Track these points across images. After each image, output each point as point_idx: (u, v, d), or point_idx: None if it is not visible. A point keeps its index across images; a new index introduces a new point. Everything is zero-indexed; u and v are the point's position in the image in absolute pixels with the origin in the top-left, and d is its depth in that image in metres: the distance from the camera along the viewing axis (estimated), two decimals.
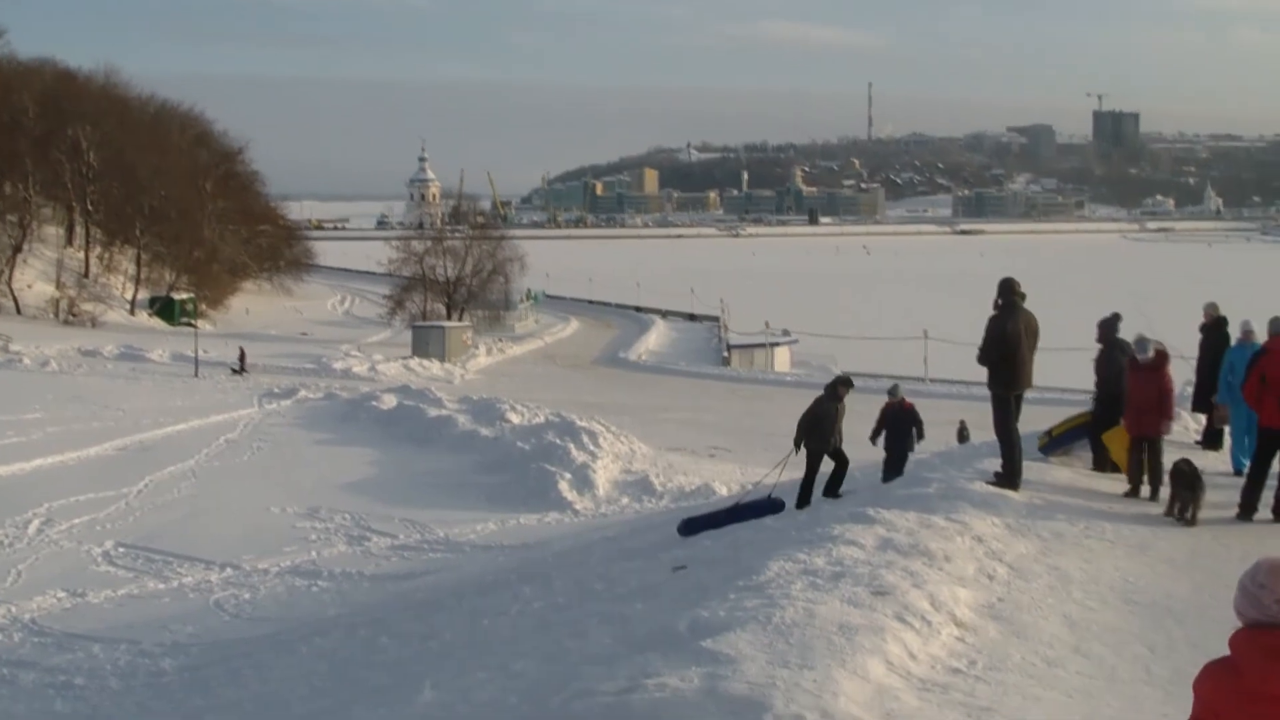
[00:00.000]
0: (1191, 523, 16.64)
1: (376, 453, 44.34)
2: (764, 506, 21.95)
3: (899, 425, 23.48)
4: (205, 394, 60.40)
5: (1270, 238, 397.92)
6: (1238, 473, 19.20)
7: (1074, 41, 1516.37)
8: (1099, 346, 21.10)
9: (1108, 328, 21.12)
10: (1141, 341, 19.01)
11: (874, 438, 23.54)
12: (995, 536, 14.97)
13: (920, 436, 23.72)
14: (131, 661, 21.38)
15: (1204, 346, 22.68)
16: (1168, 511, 17.11)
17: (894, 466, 22.67)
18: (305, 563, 29.65)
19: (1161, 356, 18.71)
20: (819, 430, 21.96)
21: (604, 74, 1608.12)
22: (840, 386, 22.40)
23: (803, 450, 22.31)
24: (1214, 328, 22.49)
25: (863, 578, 12.44)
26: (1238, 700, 6.07)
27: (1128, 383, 18.90)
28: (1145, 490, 18.14)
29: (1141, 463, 18.29)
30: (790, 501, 22.03)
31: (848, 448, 22.51)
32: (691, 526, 22.10)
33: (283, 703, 16.79)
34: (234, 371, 71.45)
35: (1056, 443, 20.91)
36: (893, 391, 24.52)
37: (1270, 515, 17.04)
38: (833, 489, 22.10)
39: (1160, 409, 18.51)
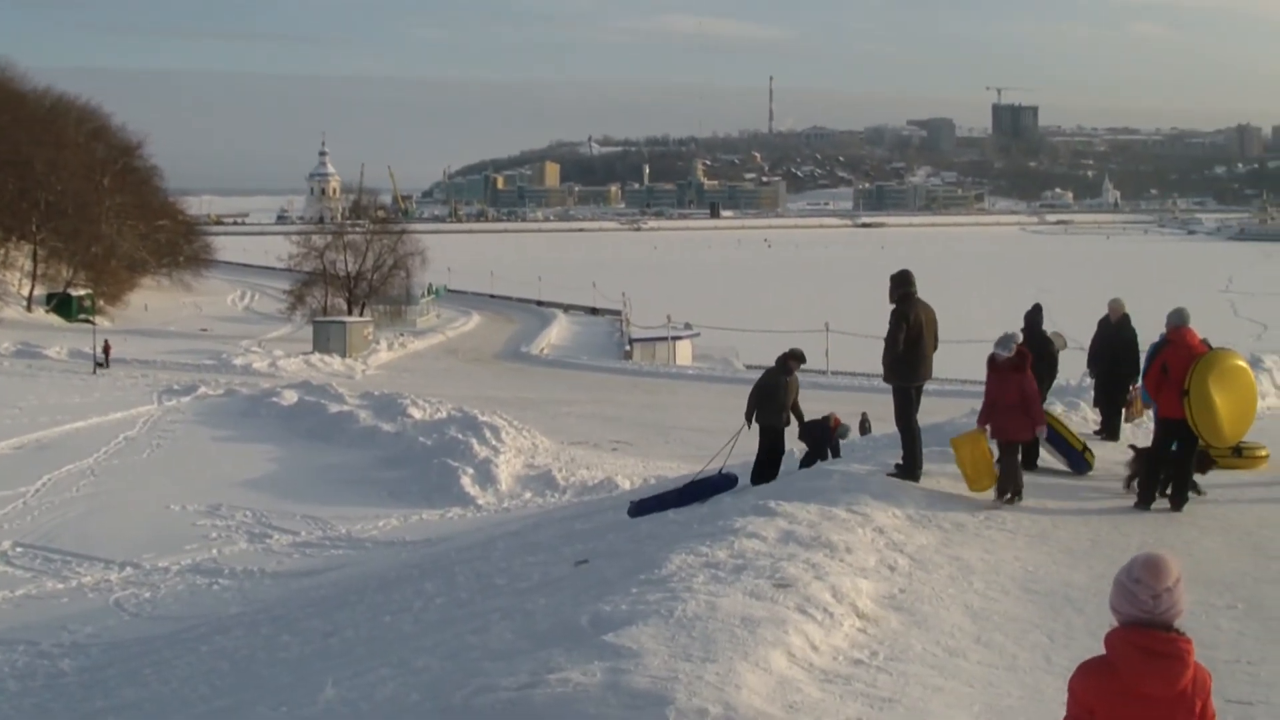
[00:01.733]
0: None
1: (278, 449, 44.15)
2: (717, 484, 21.80)
3: (824, 438, 23.61)
4: (104, 391, 59.95)
5: (1167, 230, 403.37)
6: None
7: (973, 35, 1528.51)
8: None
9: (1032, 318, 21.21)
10: (1004, 339, 18.12)
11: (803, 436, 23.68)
12: (896, 528, 15.03)
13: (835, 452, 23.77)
14: (30, 663, 21.14)
15: (1102, 340, 22.86)
16: (1125, 486, 17.82)
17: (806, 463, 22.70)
18: (206, 560, 29.47)
19: (1022, 356, 17.84)
20: (770, 404, 21.73)
21: (505, 68, 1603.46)
22: (790, 360, 21.89)
23: (755, 425, 22.08)
24: (1120, 324, 22.68)
25: (765, 570, 12.45)
26: (1113, 699, 6.11)
27: (987, 383, 18.08)
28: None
29: (1012, 467, 17.46)
30: (744, 479, 21.86)
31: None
32: (643, 508, 21.86)
33: (184, 702, 16.62)
34: (98, 365, 70.65)
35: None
36: (843, 433, 24.58)
37: (1168, 505, 17.22)
38: (772, 472, 21.91)
39: (1023, 411, 17.59)
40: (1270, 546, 15.54)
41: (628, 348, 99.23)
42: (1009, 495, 17.17)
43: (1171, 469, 17.55)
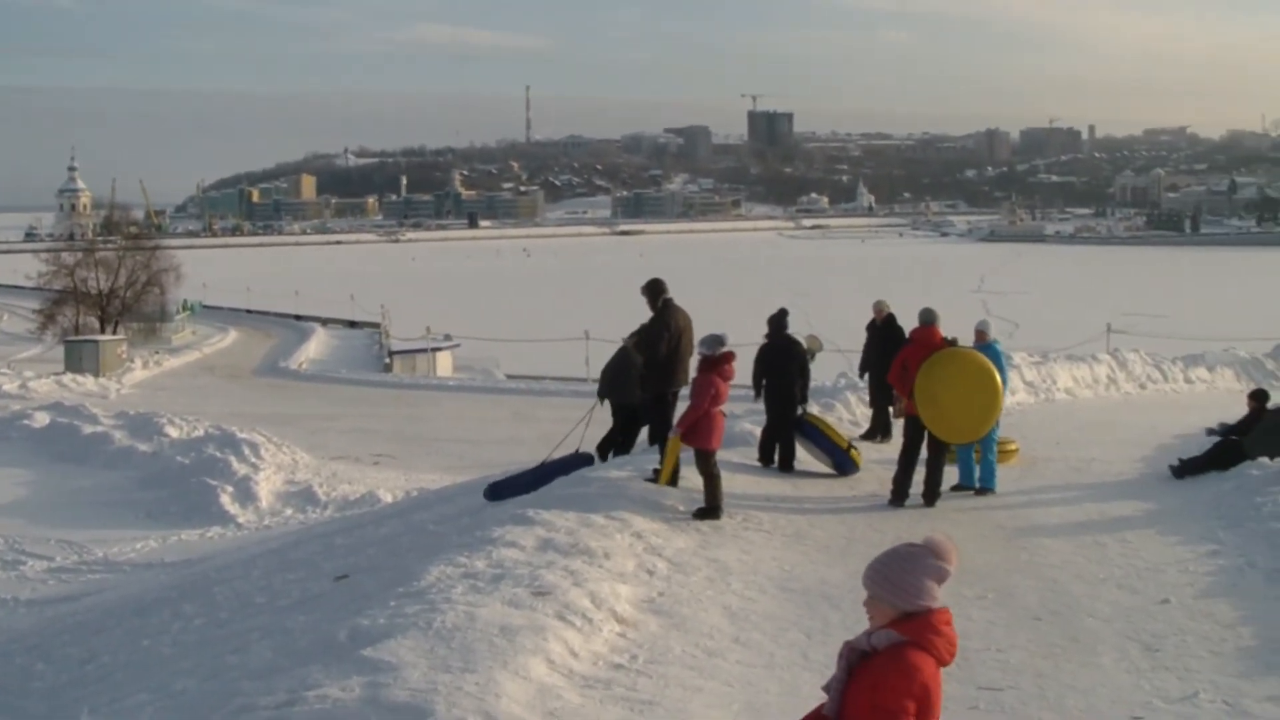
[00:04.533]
0: None
1: (29, 473, 43.03)
2: (572, 462, 21.65)
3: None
4: None
5: (921, 232, 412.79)
6: (982, 490, 19.37)
7: (729, 43, 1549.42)
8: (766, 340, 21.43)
9: (776, 323, 21.44)
10: (709, 339, 17.29)
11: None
12: (655, 532, 15.13)
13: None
14: None
15: (871, 343, 23.31)
16: None
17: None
18: None
19: (725, 357, 17.03)
20: (621, 383, 21.73)
21: (259, 79, 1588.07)
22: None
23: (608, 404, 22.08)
24: (886, 325, 23.13)
25: (523, 579, 12.46)
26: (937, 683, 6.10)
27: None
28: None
29: (711, 477, 16.57)
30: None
31: None
32: (498, 491, 21.49)
33: None
34: None
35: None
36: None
37: (921, 500, 17.58)
38: (626, 443, 21.95)
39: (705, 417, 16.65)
40: (1020, 538, 15.96)
41: (387, 360, 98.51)
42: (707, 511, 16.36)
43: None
